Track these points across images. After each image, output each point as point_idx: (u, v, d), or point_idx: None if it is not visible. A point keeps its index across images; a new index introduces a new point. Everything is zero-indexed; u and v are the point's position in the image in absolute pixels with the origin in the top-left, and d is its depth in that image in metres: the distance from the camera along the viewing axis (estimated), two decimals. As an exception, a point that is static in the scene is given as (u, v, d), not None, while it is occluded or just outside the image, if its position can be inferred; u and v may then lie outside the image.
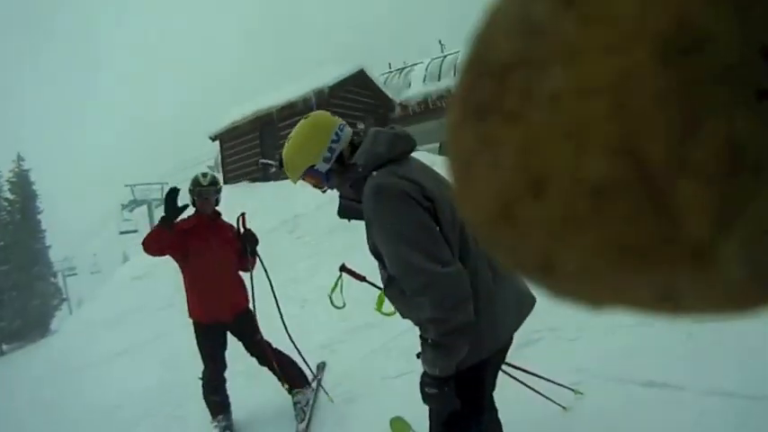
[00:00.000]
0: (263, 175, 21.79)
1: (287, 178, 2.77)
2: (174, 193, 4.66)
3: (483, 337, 2.44)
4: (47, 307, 42.34)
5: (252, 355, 5.33)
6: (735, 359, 3.80)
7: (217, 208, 5.26)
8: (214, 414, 5.21)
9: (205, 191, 5.10)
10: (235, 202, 15.87)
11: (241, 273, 5.33)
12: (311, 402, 5.11)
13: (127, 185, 34.07)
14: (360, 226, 2.53)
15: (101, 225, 45.78)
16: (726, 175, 0.24)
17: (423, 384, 2.48)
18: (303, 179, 2.73)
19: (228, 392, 5.29)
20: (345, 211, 2.80)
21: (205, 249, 5.01)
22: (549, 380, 3.71)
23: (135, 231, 32.39)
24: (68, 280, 45.63)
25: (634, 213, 0.25)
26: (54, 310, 43.10)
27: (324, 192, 2.82)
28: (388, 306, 2.92)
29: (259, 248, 5.20)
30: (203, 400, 5.23)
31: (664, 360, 4.01)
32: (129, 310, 11.05)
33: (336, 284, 3.91)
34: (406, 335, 5.64)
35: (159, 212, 33.73)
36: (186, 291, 5.11)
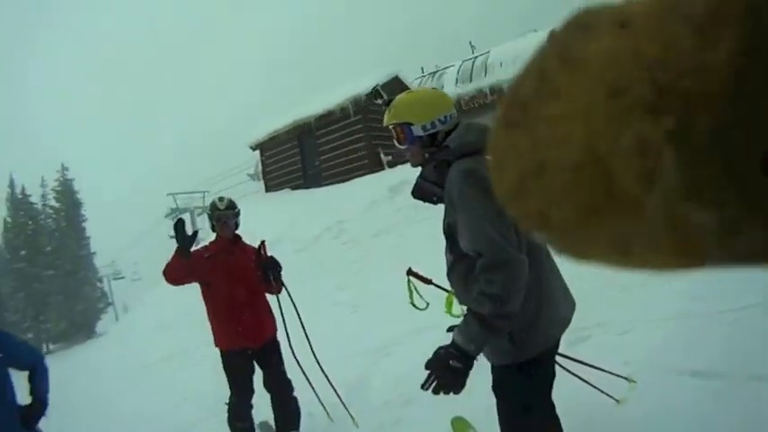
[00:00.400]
0: (304, 182, 22.27)
1: (329, 184, 3.15)
2: (181, 223, 4.79)
3: (548, 323, 2.73)
4: (93, 310, 43.41)
5: (268, 390, 5.21)
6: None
7: (237, 232, 5.23)
8: None
9: (223, 215, 5.09)
10: (277, 210, 16.43)
11: (268, 296, 5.27)
12: None
13: (169, 194, 34.41)
14: (404, 228, 2.91)
15: (143, 234, 46.20)
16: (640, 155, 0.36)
17: (448, 356, 2.62)
18: (393, 127, 2.88)
19: (254, 418, 5.21)
20: (421, 192, 3.00)
21: (226, 275, 4.94)
22: (602, 369, 3.86)
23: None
24: (113, 285, 46.42)
25: (594, 183, 0.38)
26: (100, 313, 44.19)
27: (403, 149, 2.94)
28: (457, 308, 3.09)
29: (303, 261, 5.33)
30: (227, 424, 5.13)
31: (708, 350, 4.13)
32: (179, 316, 11.26)
33: (410, 289, 3.86)
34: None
35: (202, 220, 34.30)
36: (210, 320, 5.07)
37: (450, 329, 2.77)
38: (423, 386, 2.78)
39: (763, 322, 4.17)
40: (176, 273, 4.79)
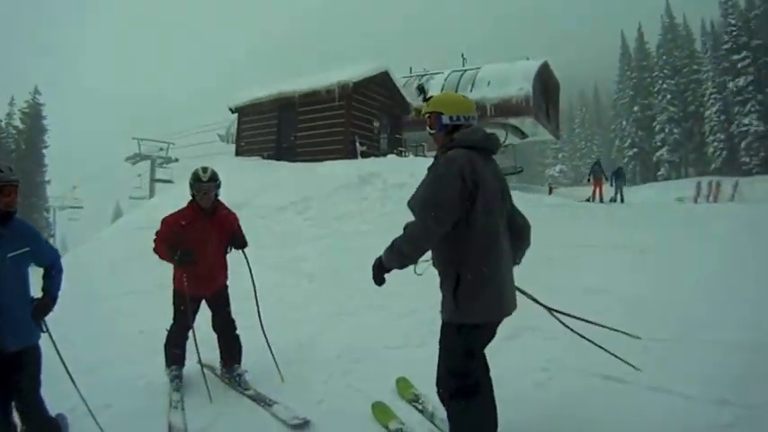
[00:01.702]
0: (276, 153, 22.48)
1: (301, 161, 3.76)
2: (187, 257, 5.14)
3: (489, 302, 3.39)
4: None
5: (215, 328, 5.59)
6: (689, 359, 4.73)
7: (219, 198, 5.48)
8: (170, 363, 5.50)
9: (206, 186, 5.28)
10: (247, 175, 16.67)
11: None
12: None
13: (134, 138, 34.34)
14: (367, 216, 3.42)
15: (98, 173, 45.52)
16: None
17: (375, 261, 3.58)
18: (428, 115, 3.64)
19: (186, 350, 5.52)
20: None
21: (200, 244, 5.26)
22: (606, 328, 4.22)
23: (142, 198, 32.67)
24: (57, 217, 45.81)
25: None
26: (42, 244, 43.47)
27: (431, 134, 3.69)
28: (419, 268, 3.68)
29: (265, 228, 5.68)
30: (163, 348, 5.53)
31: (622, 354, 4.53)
32: (128, 259, 11.05)
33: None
34: (407, 317, 6.61)
35: (161, 171, 34.19)
36: (174, 267, 5.38)
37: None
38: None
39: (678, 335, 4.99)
40: (162, 257, 5.28)
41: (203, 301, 5.55)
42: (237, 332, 5.63)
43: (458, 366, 3.50)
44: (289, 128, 22.92)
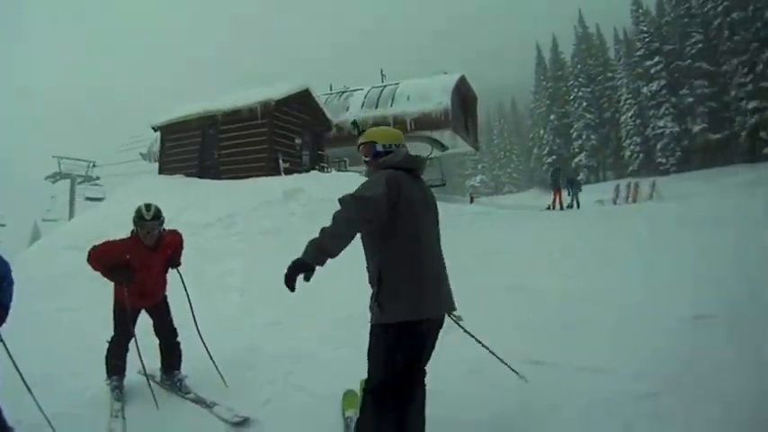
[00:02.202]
0: (198, 172, 22.55)
1: (224, 178, 4.06)
2: (127, 275, 5.34)
3: (411, 301, 3.54)
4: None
5: (158, 334, 5.82)
6: (603, 337, 5.51)
7: (161, 230, 5.62)
8: (110, 374, 5.59)
9: (150, 225, 5.42)
10: (172, 193, 16.76)
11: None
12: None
13: (54, 156, 33.86)
14: (294, 231, 3.78)
15: (20, 191, 44.42)
16: None
17: (291, 263, 3.32)
18: (363, 146, 4.04)
19: (126, 362, 5.65)
20: None
21: (144, 269, 5.48)
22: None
23: (55, 221, 32.26)
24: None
25: None
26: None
27: (366, 162, 4.06)
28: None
29: (193, 245, 6.04)
30: (104, 360, 5.63)
31: (546, 342, 5.51)
32: (59, 276, 11.06)
33: None
34: (340, 322, 7.06)
35: (82, 189, 33.74)
36: (97, 266, 5.41)
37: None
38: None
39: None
40: (98, 269, 5.39)
41: (143, 311, 5.76)
42: (178, 339, 5.85)
43: (382, 368, 3.64)
44: (211, 146, 23.09)
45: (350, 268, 4.48)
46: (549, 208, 23.83)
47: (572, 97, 61.95)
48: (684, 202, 19.52)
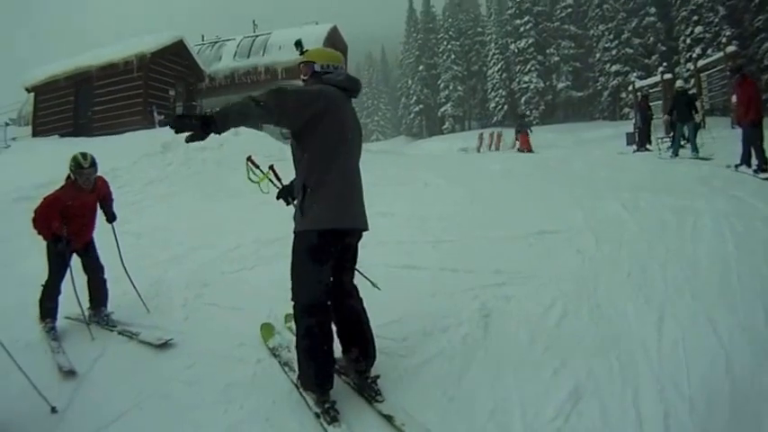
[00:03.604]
0: (73, 130, 22.30)
1: (99, 135, 5.04)
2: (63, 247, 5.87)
3: (327, 211, 3.73)
4: None
5: (88, 271, 6.33)
6: (468, 248, 6.89)
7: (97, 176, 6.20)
8: (43, 317, 6.00)
9: (87, 172, 6.01)
10: (52, 153, 16.62)
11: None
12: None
13: None
14: (174, 179, 5.01)
15: None
16: None
17: (190, 118, 3.25)
18: (302, 64, 4.15)
19: (58, 305, 6.07)
20: None
21: (81, 213, 6.10)
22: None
23: None
24: None
25: None
26: None
27: (303, 81, 4.15)
28: (254, 177, 4.49)
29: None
30: (38, 304, 6.02)
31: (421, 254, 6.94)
32: None
33: (248, 171, 4.64)
34: (235, 251, 8.01)
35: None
36: (48, 218, 5.89)
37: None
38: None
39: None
40: (42, 232, 5.94)
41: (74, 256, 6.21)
42: (105, 276, 6.34)
43: (305, 274, 3.82)
44: (86, 103, 22.82)
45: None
46: (520, 150, 25.29)
47: (441, 49, 63.33)
48: (544, 151, 22.41)
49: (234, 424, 3.89)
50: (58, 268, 6.03)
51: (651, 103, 22.97)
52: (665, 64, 31.06)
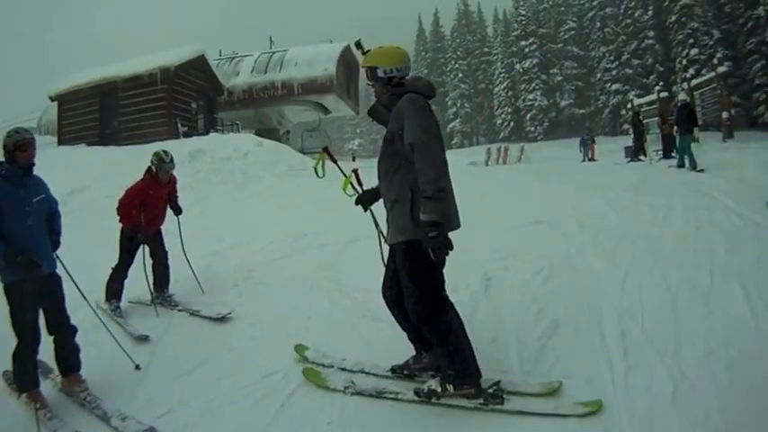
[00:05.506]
0: (100, 140, 22.66)
1: (127, 144, 5.89)
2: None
3: (452, 213, 3.75)
4: None
5: (153, 257, 6.90)
6: (474, 234, 7.02)
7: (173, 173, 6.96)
8: (109, 297, 6.63)
9: (167, 166, 6.76)
10: (83, 160, 17.45)
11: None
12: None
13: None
14: (203, 186, 6.32)
15: None
16: None
17: (426, 233, 3.38)
18: (365, 67, 4.01)
19: (123, 287, 6.74)
20: (375, 112, 4.13)
21: (155, 204, 6.78)
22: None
23: None
24: None
25: None
26: None
27: (368, 85, 4.09)
28: (350, 190, 4.54)
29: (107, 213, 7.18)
30: (105, 286, 6.65)
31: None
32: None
33: (318, 161, 4.88)
34: (273, 244, 8.86)
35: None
36: (130, 209, 6.61)
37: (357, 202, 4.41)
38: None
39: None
40: (125, 217, 6.71)
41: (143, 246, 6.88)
42: (168, 262, 7.02)
43: (433, 280, 3.79)
44: (111, 113, 23.26)
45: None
46: (584, 161, 26.70)
47: (449, 68, 65.15)
48: (546, 164, 23.69)
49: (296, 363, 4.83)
50: (127, 254, 6.79)
51: (646, 120, 25.10)
52: (661, 83, 32.45)
